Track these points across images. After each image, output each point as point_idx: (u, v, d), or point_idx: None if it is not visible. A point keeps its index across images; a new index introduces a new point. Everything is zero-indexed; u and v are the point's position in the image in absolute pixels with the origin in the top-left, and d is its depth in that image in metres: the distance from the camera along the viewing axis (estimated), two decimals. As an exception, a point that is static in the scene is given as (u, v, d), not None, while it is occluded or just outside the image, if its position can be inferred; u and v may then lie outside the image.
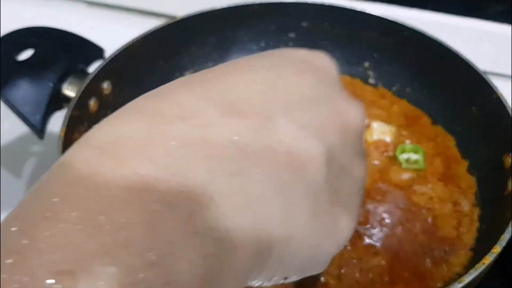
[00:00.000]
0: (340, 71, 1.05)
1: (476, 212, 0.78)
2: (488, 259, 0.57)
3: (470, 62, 0.85)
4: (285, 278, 0.33)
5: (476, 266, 0.56)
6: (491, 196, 0.79)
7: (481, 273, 0.56)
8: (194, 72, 1.01)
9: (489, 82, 0.81)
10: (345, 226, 0.35)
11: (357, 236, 0.73)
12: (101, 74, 0.82)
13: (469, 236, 0.74)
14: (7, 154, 1.06)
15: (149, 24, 0.94)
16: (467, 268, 0.69)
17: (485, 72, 0.83)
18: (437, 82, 0.95)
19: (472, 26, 1.12)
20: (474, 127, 0.85)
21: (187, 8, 0.98)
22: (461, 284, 0.53)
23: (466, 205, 0.78)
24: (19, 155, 1.06)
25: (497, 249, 0.58)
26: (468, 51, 0.88)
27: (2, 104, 0.79)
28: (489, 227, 0.75)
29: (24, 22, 0.86)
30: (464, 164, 0.86)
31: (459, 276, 0.68)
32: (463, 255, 0.71)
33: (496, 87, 0.80)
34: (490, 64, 1.04)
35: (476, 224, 0.76)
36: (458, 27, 1.13)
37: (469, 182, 0.83)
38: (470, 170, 0.85)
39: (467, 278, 0.54)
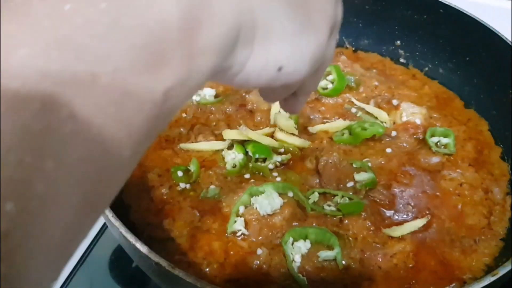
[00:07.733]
0: (370, 49, 1.02)
1: (509, 201, 0.74)
2: (522, 251, 0.54)
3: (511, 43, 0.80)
4: (280, 69, 0.31)
5: (512, 259, 0.53)
6: (527, 185, 0.76)
7: (515, 265, 0.53)
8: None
9: (531, 66, 0.77)
10: (321, 27, 0.34)
11: (381, 220, 0.70)
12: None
13: (501, 226, 0.70)
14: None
15: None
16: (497, 260, 0.66)
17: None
18: (472, 64, 0.90)
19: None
20: (511, 112, 0.81)
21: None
22: (494, 277, 0.50)
23: (498, 193, 0.75)
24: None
25: (531, 241, 0.55)
26: (508, 33, 0.83)
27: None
28: (523, 217, 0.72)
29: None
30: (498, 150, 0.82)
31: (488, 267, 0.66)
32: (493, 245, 0.68)
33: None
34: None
35: (508, 214, 0.72)
36: (499, 9, 1.07)
37: (503, 169, 0.79)
38: (504, 157, 0.81)
39: (501, 271, 0.51)
